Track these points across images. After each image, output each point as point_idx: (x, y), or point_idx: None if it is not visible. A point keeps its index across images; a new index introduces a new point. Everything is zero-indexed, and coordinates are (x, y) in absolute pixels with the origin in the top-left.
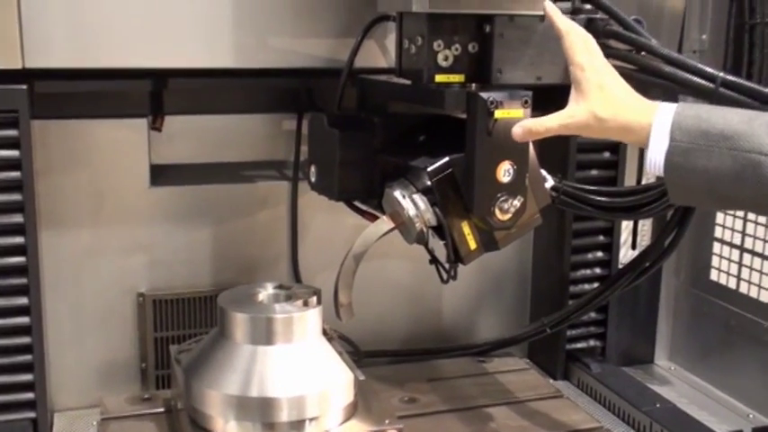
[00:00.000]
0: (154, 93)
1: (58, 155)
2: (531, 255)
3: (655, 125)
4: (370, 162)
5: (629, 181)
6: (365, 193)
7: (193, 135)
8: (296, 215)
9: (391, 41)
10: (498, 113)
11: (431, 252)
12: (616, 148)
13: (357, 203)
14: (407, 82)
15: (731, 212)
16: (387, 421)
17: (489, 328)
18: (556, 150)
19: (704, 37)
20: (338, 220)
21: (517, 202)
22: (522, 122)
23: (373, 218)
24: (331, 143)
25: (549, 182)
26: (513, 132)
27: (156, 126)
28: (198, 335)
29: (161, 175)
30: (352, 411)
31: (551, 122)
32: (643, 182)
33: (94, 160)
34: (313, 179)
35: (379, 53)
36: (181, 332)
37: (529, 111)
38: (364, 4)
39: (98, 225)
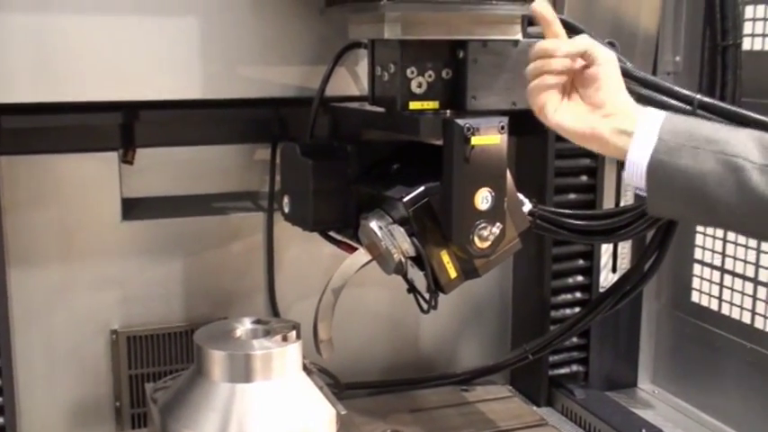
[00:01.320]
0: (124, 125)
1: (26, 190)
2: (512, 281)
3: (639, 123)
4: (345, 191)
5: (608, 204)
6: (340, 223)
7: (166, 167)
8: (272, 246)
9: (363, 69)
10: (475, 140)
11: (409, 282)
12: (594, 171)
13: (332, 233)
14: (381, 109)
15: (710, 233)
16: None
17: (471, 355)
18: (534, 175)
19: (678, 59)
20: (315, 250)
21: (496, 230)
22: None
23: (349, 248)
24: (304, 173)
25: (527, 206)
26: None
27: (127, 159)
28: (174, 371)
29: (133, 208)
30: None
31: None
32: (621, 204)
33: (64, 195)
34: (286, 210)
35: (351, 81)
36: (156, 369)
37: (505, 137)
38: (335, 32)
39: (69, 261)
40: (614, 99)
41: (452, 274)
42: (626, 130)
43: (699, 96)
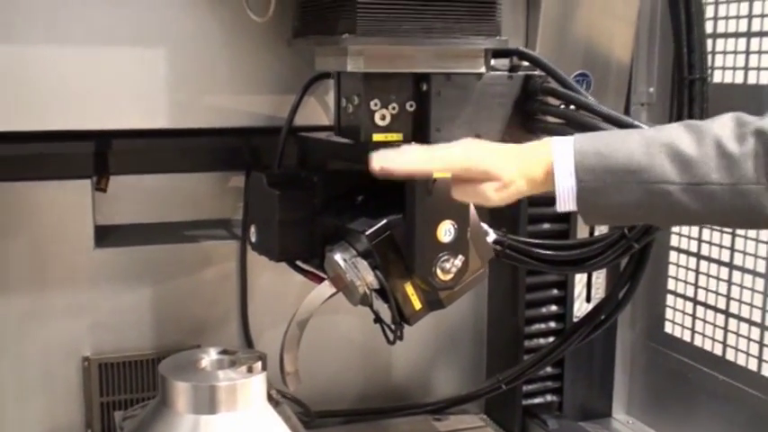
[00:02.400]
0: (98, 153)
1: None
2: (486, 309)
3: (556, 162)
4: (311, 222)
5: (582, 233)
6: (306, 253)
7: (139, 195)
8: (245, 274)
9: (332, 99)
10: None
11: (375, 313)
12: None
13: (299, 263)
14: (346, 140)
15: (683, 264)
16: None
17: (445, 384)
18: (507, 205)
19: (651, 90)
20: (287, 279)
21: (459, 262)
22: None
23: (316, 278)
24: (270, 203)
25: (491, 236)
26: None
27: (100, 186)
28: (146, 399)
29: (106, 236)
30: None
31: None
32: (596, 233)
33: (37, 222)
34: (253, 239)
35: (321, 110)
36: (128, 396)
37: None
38: (304, 62)
39: (41, 288)
40: (507, 162)
41: (417, 305)
42: (541, 171)
43: None
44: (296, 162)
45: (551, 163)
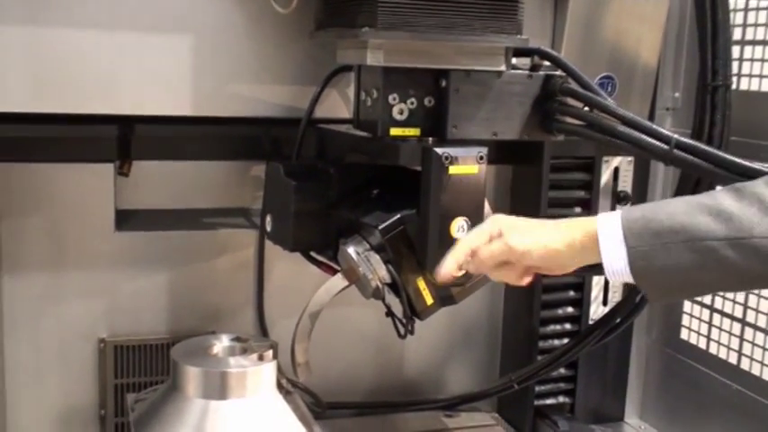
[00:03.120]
0: (121, 138)
1: (20, 198)
2: (502, 308)
3: (602, 235)
4: (325, 214)
5: None
6: (320, 244)
7: (161, 181)
8: (263, 263)
9: (353, 92)
10: (453, 169)
11: (387, 306)
12: (587, 203)
13: (313, 254)
14: (364, 134)
15: None
16: None
17: (458, 380)
18: (528, 205)
19: (677, 95)
20: (303, 269)
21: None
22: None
23: (329, 269)
24: (286, 193)
25: None
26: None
27: (122, 171)
28: (159, 382)
29: (127, 220)
30: None
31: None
32: None
33: (59, 204)
34: (269, 228)
35: (341, 103)
36: (142, 379)
37: (484, 166)
38: (327, 54)
39: (60, 269)
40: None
41: (428, 300)
42: (587, 245)
43: (676, 136)
44: (314, 154)
45: (596, 232)
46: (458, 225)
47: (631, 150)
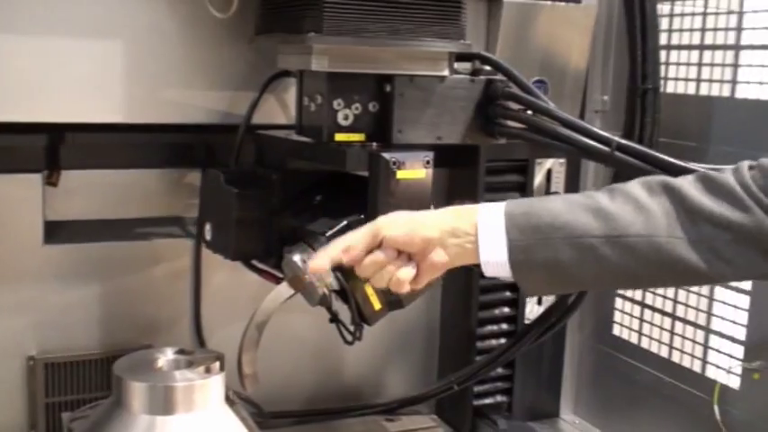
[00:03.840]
0: (49, 147)
1: None
2: (439, 311)
3: (482, 225)
4: (268, 221)
5: None
6: (263, 252)
7: (91, 190)
8: (199, 273)
9: (292, 97)
10: (400, 174)
11: (332, 313)
12: (523, 187)
13: (255, 262)
14: (307, 139)
15: None
16: None
17: (397, 384)
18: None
19: (606, 98)
20: (241, 278)
21: None
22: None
23: (271, 277)
24: (228, 201)
25: None
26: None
27: (51, 181)
28: (93, 399)
29: (56, 232)
30: None
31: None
32: None
33: None
34: (208, 237)
35: (279, 109)
36: (75, 397)
37: (431, 171)
38: (264, 59)
39: None
40: (431, 231)
41: (377, 306)
42: (469, 239)
43: (617, 139)
44: (253, 160)
45: (476, 225)
46: None
47: (573, 152)
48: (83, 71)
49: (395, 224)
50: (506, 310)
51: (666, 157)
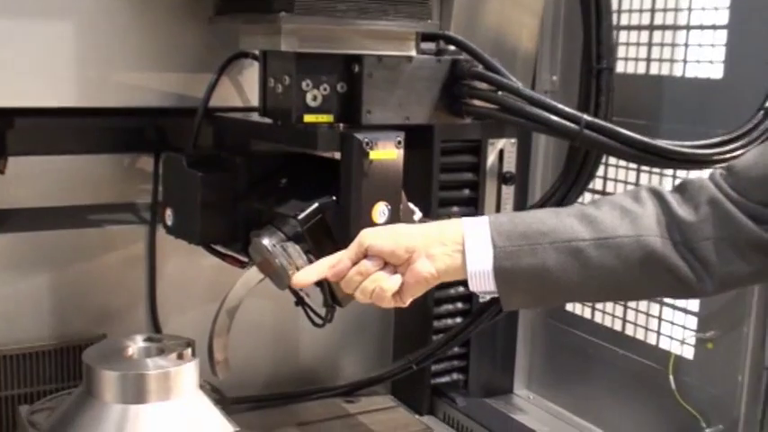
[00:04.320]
0: None
1: None
2: None
3: (468, 235)
4: (233, 205)
5: None
6: (228, 236)
7: (40, 177)
8: (154, 259)
9: (246, 79)
10: (373, 154)
11: (299, 296)
12: (476, 185)
13: (218, 247)
14: (271, 121)
15: None
16: None
17: (353, 366)
18: (420, 188)
19: (555, 78)
20: (196, 263)
21: None
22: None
23: (235, 261)
24: (191, 185)
25: (418, 214)
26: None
27: None
28: (48, 392)
29: (4, 220)
30: None
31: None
32: None
33: None
34: (169, 223)
35: (234, 91)
36: (27, 390)
37: (402, 151)
38: (219, 41)
39: None
40: (415, 239)
41: None
42: (455, 248)
43: (586, 117)
44: (212, 144)
45: (463, 234)
46: (379, 210)
47: (541, 130)
48: (31, 54)
49: (379, 235)
50: (461, 289)
51: (634, 135)
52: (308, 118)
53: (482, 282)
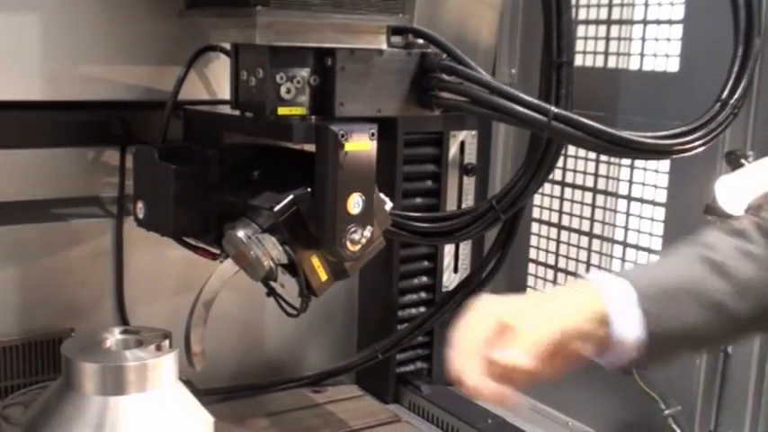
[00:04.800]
0: None
1: None
2: (357, 282)
3: (610, 304)
4: (206, 197)
5: (451, 207)
6: (200, 229)
7: (3, 171)
8: (122, 253)
9: (213, 72)
10: (348, 146)
11: (270, 287)
12: (438, 176)
13: (189, 239)
14: (242, 113)
15: (544, 234)
16: None
17: (318, 357)
18: (383, 179)
19: (514, 71)
20: (163, 256)
21: (367, 233)
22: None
23: (207, 253)
24: (164, 178)
25: (389, 204)
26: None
27: None
28: (17, 387)
29: None
30: None
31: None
32: (464, 206)
33: None
34: (141, 216)
35: (201, 84)
36: None
37: (375, 143)
38: (187, 34)
39: None
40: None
41: (323, 277)
42: (599, 318)
43: (554, 109)
44: (182, 137)
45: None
46: (354, 201)
47: (510, 122)
48: None
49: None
50: (425, 279)
51: (600, 126)
52: (282, 110)
53: (620, 348)
